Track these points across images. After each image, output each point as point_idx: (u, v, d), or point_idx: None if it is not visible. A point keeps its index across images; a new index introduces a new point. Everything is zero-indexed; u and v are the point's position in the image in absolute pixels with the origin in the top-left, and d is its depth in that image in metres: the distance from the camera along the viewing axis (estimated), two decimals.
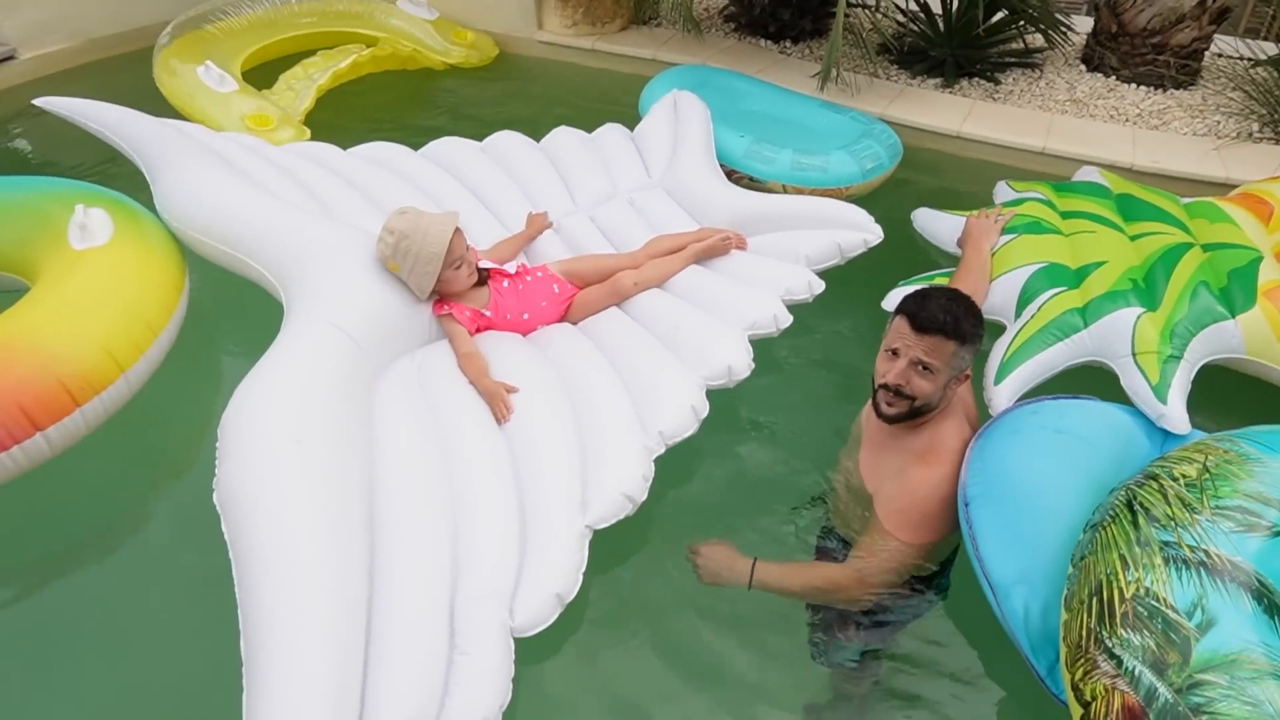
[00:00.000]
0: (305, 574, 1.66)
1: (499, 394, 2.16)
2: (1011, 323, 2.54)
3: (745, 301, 2.51)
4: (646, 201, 3.10)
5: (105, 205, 2.59)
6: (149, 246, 2.57)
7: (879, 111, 4.17)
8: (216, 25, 4.41)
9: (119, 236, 2.52)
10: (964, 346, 1.91)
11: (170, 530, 2.33)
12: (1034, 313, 2.50)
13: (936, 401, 1.96)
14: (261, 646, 1.57)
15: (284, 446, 1.85)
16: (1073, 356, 2.43)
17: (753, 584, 1.97)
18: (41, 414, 2.10)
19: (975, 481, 1.86)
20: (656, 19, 5.35)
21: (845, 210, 2.90)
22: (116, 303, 2.36)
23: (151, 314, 2.42)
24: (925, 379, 1.90)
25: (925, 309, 1.90)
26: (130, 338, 2.32)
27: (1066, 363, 2.42)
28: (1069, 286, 2.56)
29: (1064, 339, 2.42)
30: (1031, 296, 2.55)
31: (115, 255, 2.47)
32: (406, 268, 2.33)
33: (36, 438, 2.09)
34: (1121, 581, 1.50)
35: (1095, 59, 4.75)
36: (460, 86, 4.82)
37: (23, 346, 2.15)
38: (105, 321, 2.30)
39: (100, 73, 4.69)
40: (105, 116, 3.01)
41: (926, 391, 1.91)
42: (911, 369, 1.90)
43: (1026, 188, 3.07)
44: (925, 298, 1.93)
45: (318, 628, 1.59)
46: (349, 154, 3.18)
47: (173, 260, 2.61)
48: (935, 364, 1.89)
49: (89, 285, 2.36)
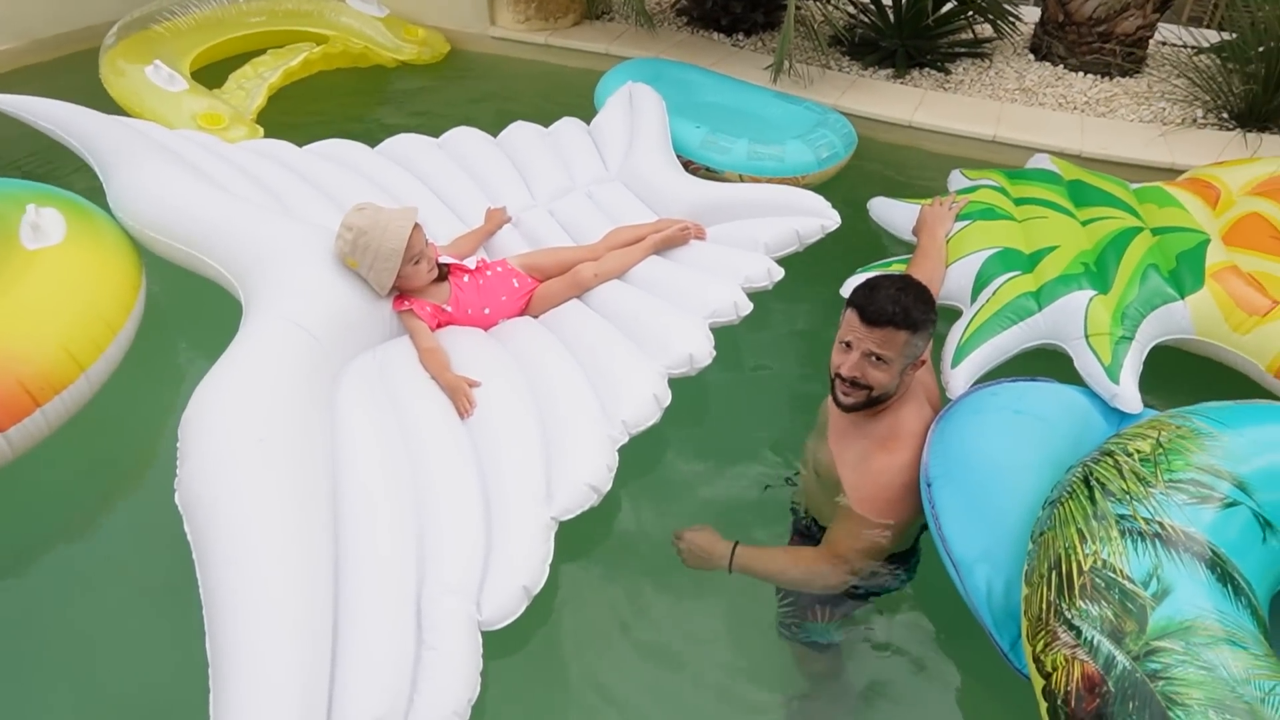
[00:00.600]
0: (270, 573, 1.64)
1: (461, 388, 2.15)
2: (968, 307, 2.58)
3: (705, 290, 2.52)
4: (604, 194, 3.10)
5: (57, 204, 2.54)
6: (104, 245, 2.53)
7: (832, 102, 4.21)
8: (164, 25, 4.34)
9: (73, 235, 2.47)
10: (916, 334, 1.91)
11: (130, 533, 2.29)
12: (989, 297, 2.54)
13: (894, 389, 1.97)
14: (227, 647, 1.56)
15: (246, 445, 1.82)
16: (1028, 339, 2.47)
17: (733, 568, 1.99)
18: (2, 415, 2.06)
19: (937, 463, 1.89)
20: (609, 13, 5.35)
21: (803, 197, 2.93)
22: (74, 302, 2.32)
23: (110, 312, 2.39)
24: (879, 369, 1.92)
25: (874, 302, 1.90)
26: (89, 336, 2.29)
27: (1021, 345, 2.46)
28: (1023, 271, 2.60)
29: (1019, 322, 2.46)
30: (986, 281, 2.59)
31: (70, 254, 2.43)
32: (366, 264, 2.31)
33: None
34: (1079, 555, 1.53)
35: (1043, 48, 4.83)
36: (414, 83, 4.80)
37: None
38: (63, 321, 2.26)
39: (45, 74, 4.60)
40: (56, 114, 2.94)
41: (882, 381, 1.93)
42: (865, 360, 1.92)
43: (980, 175, 3.11)
44: (874, 289, 1.94)
45: (284, 627, 1.57)
46: (305, 151, 3.14)
47: (129, 258, 2.57)
48: (888, 354, 1.90)
49: (45, 285, 2.32)
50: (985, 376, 2.36)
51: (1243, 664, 1.36)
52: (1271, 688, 1.34)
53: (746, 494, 2.37)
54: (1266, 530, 1.59)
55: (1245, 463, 1.64)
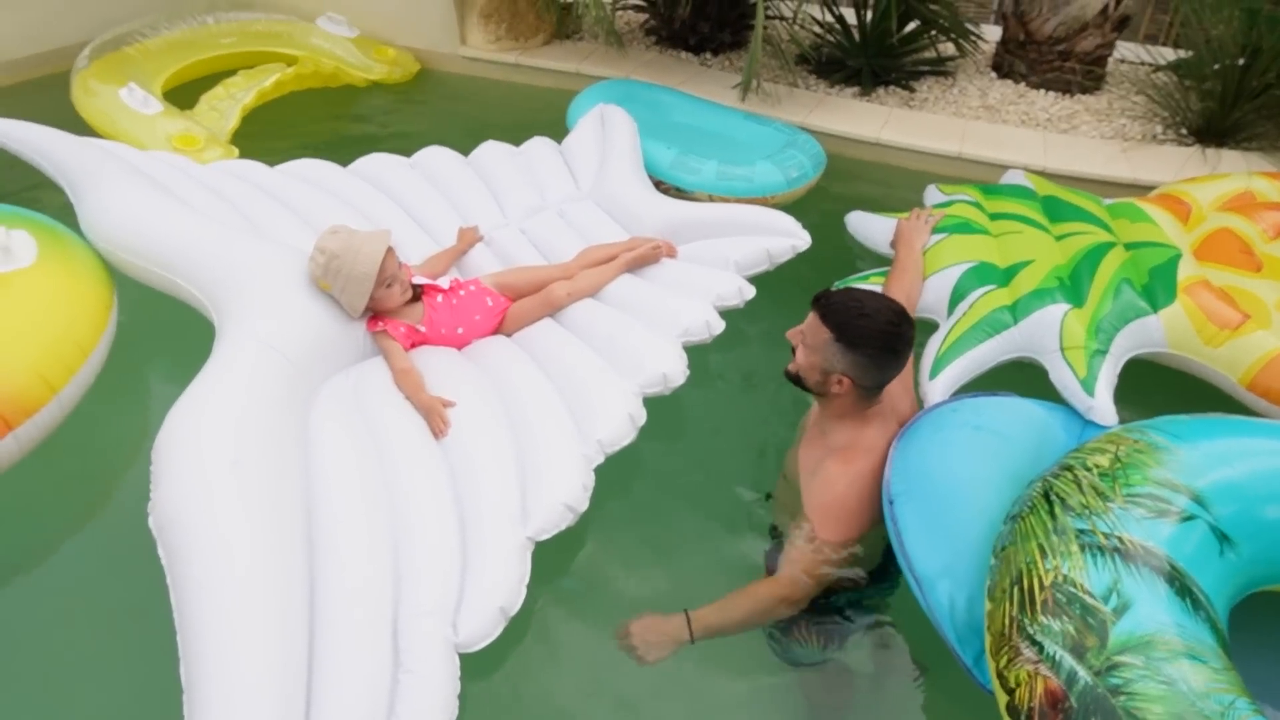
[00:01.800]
0: (245, 597, 1.63)
1: (436, 408, 2.16)
2: (944, 320, 2.63)
3: (678, 309, 2.54)
4: (576, 213, 3.12)
5: (27, 227, 2.52)
6: (75, 267, 2.51)
7: (799, 120, 4.27)
8: (135, 47, 4.33)
9: (44, 258, 2.45)
10: (840, 345, 1.95)
11: (101, 555, 2.26)
12: (965, 310, 2.59)
13: (813, 382, 2.04)
14: (202, 672, 1.55)
15: (220, 468, 1.82)
16: (1004, 352, 2.52)
17: (695, 636, 1.91)
18: None
19: (899, 479, 1.92)
20: (579, 33, 5.38)
21: (773, 217, 2.97)
22: (45, 324, 2.31)
23: (81, 335, 2.37)
24: (801, 350, 2.05)
25: (833, 294, 2.02)
26: (61, 359, 2.27)
27: (998, 358, 2.52)
28: (999, 285, 2.66)
29: (995, 335, 2.52)
30: (963, 294, 2.64)
31: (41, 276, 2.41)
32: (338, 287, 2.31)
33: None
34: (1040, 570, 1.56)
35: (1005, 66, 4.92)
36: (385, 103, 4.81)
37: None
38: (35, 343, 2.24)
39: (14, 95, 4.55)
40: (26, 135, 2.91)
41: (800, 361, 2.05)
42: (798, 334, 2.06)
43: (955, 190, 3.17)
44: (853, 290, 2.04)
45: (259, 651, 1.57)
46: (277, 171, 3.13)
47: (100, 280, 2.56)
48: (809, 340, 2.02)
49: (16, 307, 2.30)
50: (963, 389, 2.40)
51: (1203, 678, 1.39)
52: (1230, 702, 1.37)
53: (722, 511, 2.38)
54: (1224, 544, 1.63)
55: (1202, 476, 1.68)
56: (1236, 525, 1.64)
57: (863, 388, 2.00)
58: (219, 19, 4.70)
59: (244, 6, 4.91)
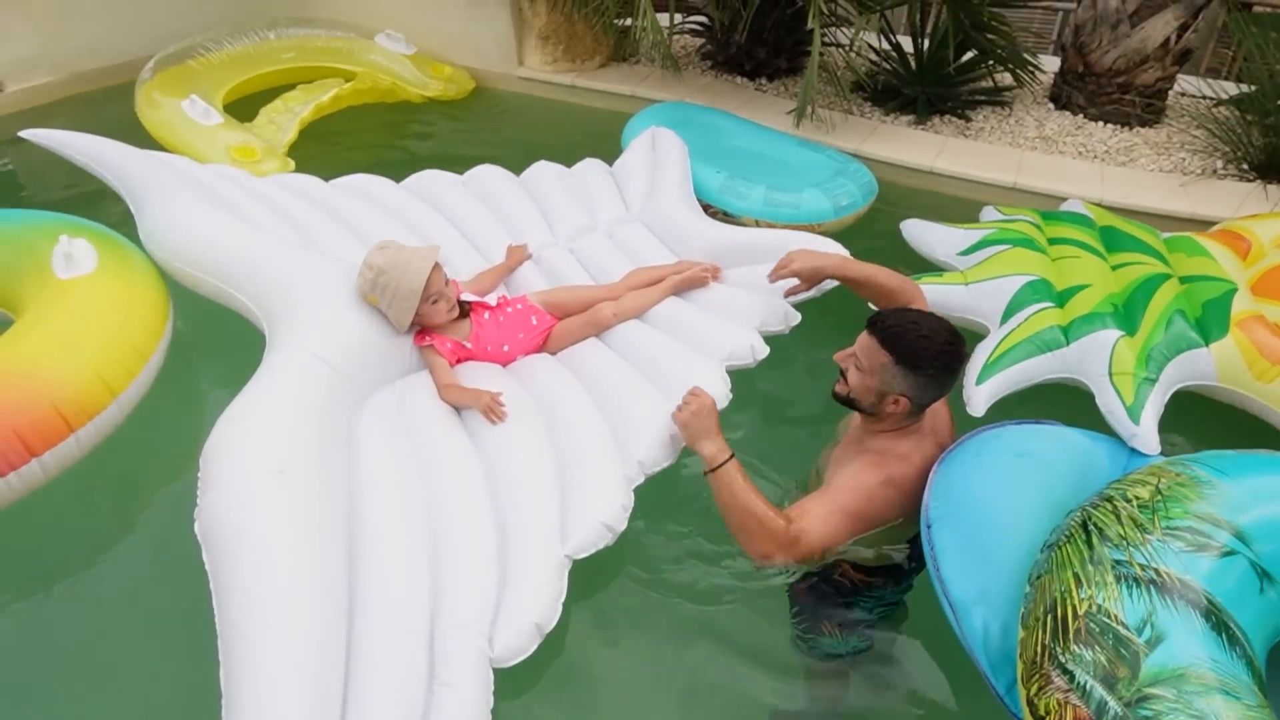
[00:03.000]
0: (285, 604, 1.65)
1: (485, 398, 2.19)
2: (996, 328, 2.65)
3: (722, 333, 2.54)
4: (625, 234, 3.13)
5: (88, 236, 2.61)
6: (133, 275, 2.59)
7: (853, 148, 4.27)
8: (198, 60, 4.46)
9: (104, 265, 2.53)
10: (900, 368, 1.95)
11: (150, 558, 2.32)
12: (1020, 323, 2.61)
13: (867, 404, 2.04)
14: (241, 678, 1.56)
15: (266, 476, 1.84)
16: (1052, 370, 2.52)
17: (709, 473, 2.03)
18: (37, 440, 2.10)
19: (937, 504, 1.91)
20: (635, 57, 5.45)
21: (821, 244, 2.94)
22: (106, 329, 2.37)
23: (140, 340, 2.43)
24: (854, 373, 2.04)
25: (887, 316, 2.01)
26: (121, 363, 2.33)
27: (1045, 375, 2.51)
28: (1055, 304, 2.67)
29: (1046, 353, 2.53)
30: (1019, 307, 2.66)
31: (102, 283, 2.48)
32: (386, 302, 2.35)
33: (32, 464, 2.09)
34: (1075, 599, 1.55)
35: (1063, 97, 4.88)
36: (440, 119, 4.91)
37: (18, 373, 2.15)
38: (96, 347, 2.30)
39: (83, 106, 4.72)
40: (90, 148, 3.01)
41: (854, 385, 2.05)
42: (850, 358, 2.05)
43: (1015, 212, 3.20)
44: (906, 311, 2.04)
45: (298, 659, 1.58)
46: (331, 185, 3.18)
47: (157, 288, 2.63)
48: (864, 364, 2.00)
49: (79, 313, 2.37)
50: (998, 413, 2.39)
51: (1236, 714, 1.36)
52: None
53: None
54: (1264, 581, 1.59)
55: (1244, 512, 1.64)
56: (1278, 563, 1.61)
57: (917, 406, 2.02)
58: (280, 34, 4.83)
59: (305, 22, 5.03)
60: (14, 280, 2.54)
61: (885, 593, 2.08)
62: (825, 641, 2.06)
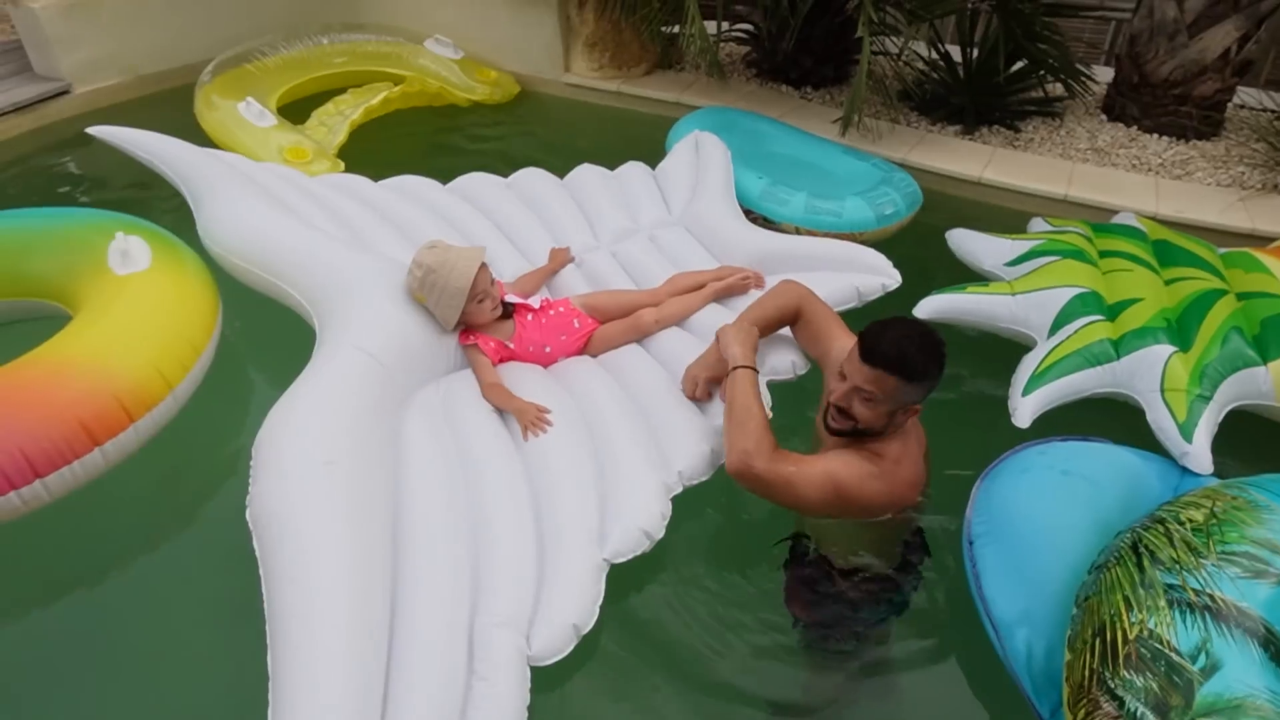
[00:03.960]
0: (331, 592, 1.69)
1: (530, 411, 2.21)
2: (1044, 340, 2.61)
3: (764, 347, 2.51)
4: (667, 238, 3.14)
5: (141, 233, 2.67)
6: (186, 271, 2.65)
7: (900, 157, 4.22)
8: (254, 64, 4.56)
9: (157, 262, 2.59)
10: (910, 384, 1.94)
11: (199, 547, 2.36)
12: (1069, 335, 2.56)
13: (880, 427, 2.02)
14: (287, 662, 1.61)
15: (315, 467, 1.89)
16: (1101, 384, 2.47)
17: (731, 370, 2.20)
18: (100, 429, 2.16)
19: (980, 520, 1.88)
20: (680, 64, 5.44)
21: (864, 254, 2.93)
22: (163, 323, 2.43)
23: (194, 334, 2.50)
24: (866, 406, 1.97)
25: (878, 343, 1.95)
26: (177, 357, 2.40)
27: (1095, 389, 2.47)
28: (1105, 317, 2.62)
29: (1095, 366, 2.48)
30: (1068, 319, 2.61)
31: (157, 279, 2.55)
32: (433, 300, 2.40)
33: (95, 452, 2.16)
34: (1125, 623, 1.51)
35: (1116, 108, 4.78)
36: (485, 123, 4.95)
37: (82, 365, 2.22)
38: (154, 341, 2.37)
39: (146, 107, 4.82)
40: (152, 145, 3.11)
41: (867, 417, 1.99)
42: (855, 394, 1.97)
43: (1064, 224, 3.15)
44: (885, 328, 1.97)
45: (342, 646, 1.62)
46: (380, 186, 3.25)
47: (207, 284, 2.69)
48: (877, 394, 1.95)
49: (136, 307, 2.44)
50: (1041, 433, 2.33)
51: None
52: None
53: None
54: None
55: None
56: None
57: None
58: (333, 39, 4.91)
59: (357, 28, 5.10)
60: (70, 276, 2.60)
61: (892, 597, 2.09)
62: (835, 646, 2.07)
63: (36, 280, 2.65)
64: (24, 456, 2.04)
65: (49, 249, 2.66)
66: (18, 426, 2.06)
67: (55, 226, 2.73)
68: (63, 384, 2.17)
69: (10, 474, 2.02)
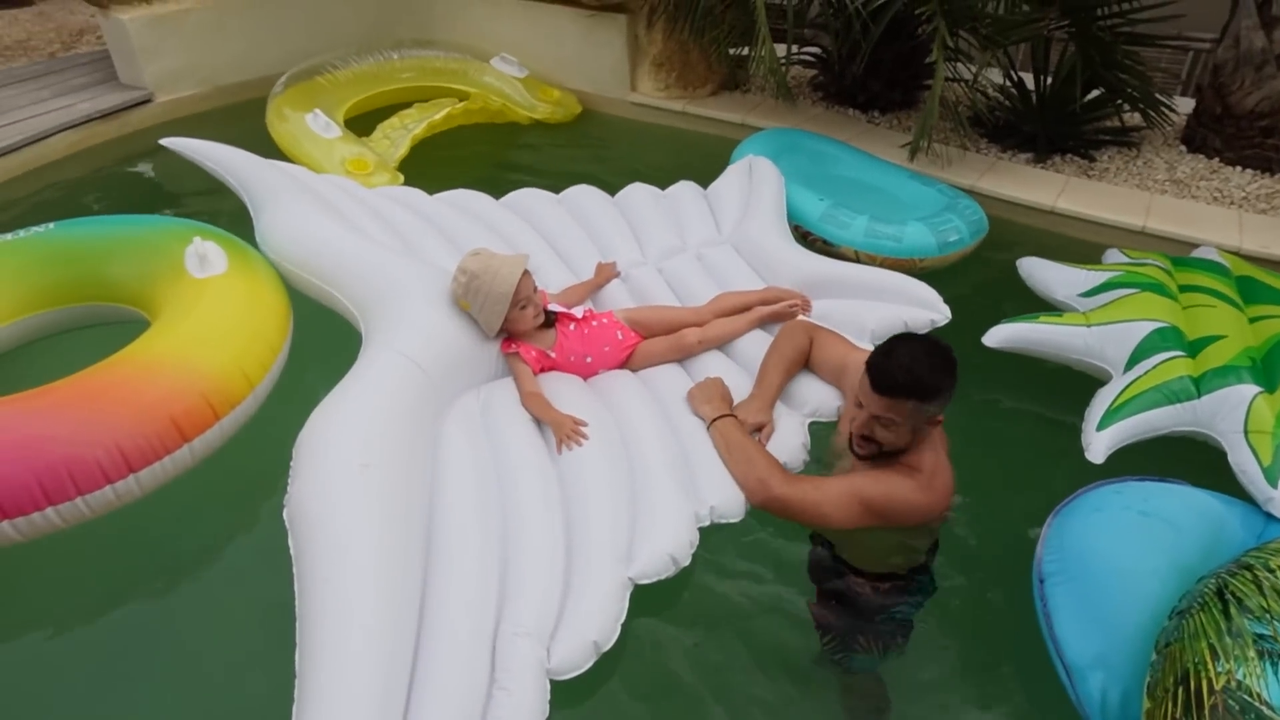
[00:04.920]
0: (360, 594, 1.69)
1: (566, 424, 2.19)
2: (1119, 374, 2.52)
3: (808, 389, 2.48)
4: (714, 257, 3.11)
5: (214, 239, 2.73)
6: (259, 275, 2.70)
7: (970, 184, 4.13)
8: (325, 77, 4.65)
9: (233, 266, 2.65)
10: (926, 402, 1.94)
11: (259, 551, 2.34)
12: (1146, 370, 2.46)
13: (906, 444, 2.02)
14: (313, 660, 1.61)
15: (351, 469, 1.89)
16: (1179, 423, 2.36)
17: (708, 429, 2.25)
18: (189, 426, 2.21)
19: (1052, 558, 1.79)
20: (746, 86, 5.42)
21: (915, 286, 2.84)
22: (243, 324, 2.48)
23: (271, 335, 2.54)
24: (887, 430, 1.98)
25: (884, 370, 1.94)
26: (257, 356, 2.44)
27: (1172, 427, 2.37)
28: (1186, 354, 2.51)
29: (1174, 403, 2.38)
30: (1146, 354, 2.52)
31: (234, 282, 2.60)
32: (476, 306, 2.40)
33: (184, 449, 2.21)
34: (1210, 672, 1.40)
35: (1197, 140, 4.62)
36: (545, 141, 4.97)
37: (170, 364, 2.27)
38: (236, 341, 2.41)
39: (223, 117, 4.96)
40: (217, 155, 3.22)
41: (891, 440, 2.00)
42: (874, 421, 1.98)
43: (1142, 256, 3.04)
44: (889, 355, 1.96)
45: (368, 648, 1.61)
46: (435, 199, 3.30)
47: (279, 287, 2.74)
48: (894, 419, 1.95)
49: (217, 308, 2.49)
50: (1117, 470, 2.23)
51: None
52: None
53: None
54: None
55: None
56: None
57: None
58: (403, 55, 4.99)
59: (428, 44, 5.18)
60: (147, 281, 2.66)
61: (912, 598, 2.08)
62: (859, 659, 2.04)
63: (114, 285, 2.70)
64: (120, 452, 2.08)
65: (126, 254, 2.71)
66: (114, 422, 2.10)
67: (132, 233, 2.78)
68: (154, 382, 2.21)
69: (107, 468, 2.06)
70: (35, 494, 1.98)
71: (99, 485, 2.05)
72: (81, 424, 2.08)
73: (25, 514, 1.99)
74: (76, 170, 4.43)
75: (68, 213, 2.89)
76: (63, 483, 2.01)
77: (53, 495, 2.00)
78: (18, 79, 5.09)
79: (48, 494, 2.00)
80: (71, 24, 6.33)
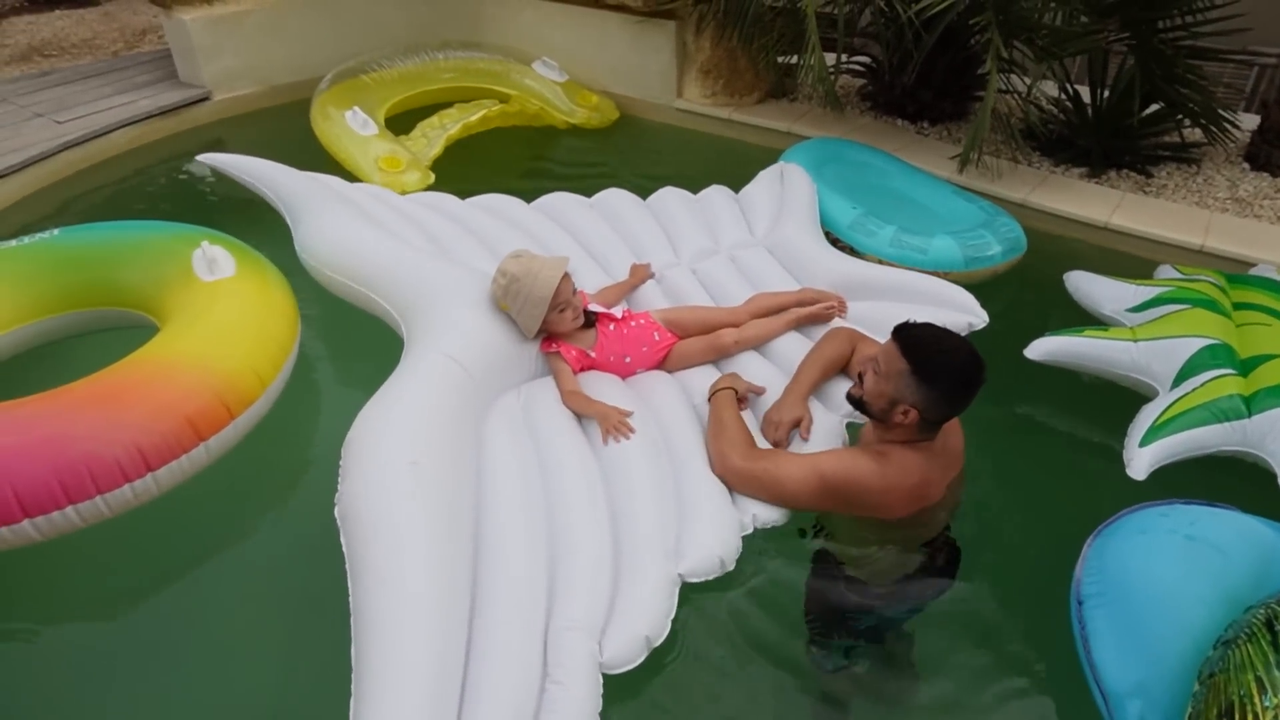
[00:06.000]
0: (414, 589, 1.72)
1: (612, 415, 2.22)
2: (1165, 390, 2.46)
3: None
4: (748, 258, 3.11)
5: (221, 244, 2.78)
6: (267, 278, 2.75)
7: (1021, 197, 4.04)
8: (370, 75, 4.70)
9: (241, 270, 2.70)
10: (914, 375, 1.96)
11: (291, 545, 2.38)
12: (1195, 388, 2.39)
13: (878, 411, 2.06)
14: (370, 655, 1.64)
15: (400, 467, 1.93)
16: (1228, 442, 2.29)
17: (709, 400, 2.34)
18: (204, 425, 2.24)
19: (1092, 580, 1.72)
20: (793, 94, 5.37)
21: (952, 291, 2.82)
22: (253, 326, 2.52)
23: (281, 335, 2.58)
24: (871, 377, 2.06)
25: (908, 326, 2.04)
26: (268, 356, 2.48)
27: (1219, 446, 2.30)
28: (1237, 372, 2.43)
29: (1223, 422, 2.31)
30: (1194, 371, 2.45)
31: (243, 285, 2.65)
32: (516, 308, 2.42)
33: (200, 447, 2.24)
34: (1257, 705, 1.34)
35: (1261, 157, 4.47)
36: (579, 145, 4.95)
37: (185, 364, 2.31)
38: (248, 341, 2.45)
39: (276, 115, 5.05)
40: (253, 168, 3.33)
41: (868, 387, 2.07)
42: (869, 362, 2.08)
43: (1195, 271, 2.98)
44: (929, 326, 2.04)
45: (423, 642, 1.65)
46: (467, 203, 3.35)
47: (286, 290, 2.79)
48: (882, 368, 2.02)
49: (228, 310, 2.53)
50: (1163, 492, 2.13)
51: None
52: None
53: None
54: None
55: None
56: None
57: (926, 421, 2.02)
58: (447, 55, 5.02)
59: (473, 46, 5.20)
60: (156, 285, 2.71)
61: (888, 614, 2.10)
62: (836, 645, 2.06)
63: (122, 290, 2.75)
64: (139, 451, 2.11)
65: (135, 260, 2.76)
66: (132, 422, 2.13)
67: (140, 239, 2.84)
68: (170, 382, 2.25)
69: (126, 467, 2.09)
70: (56, 492, 2.01)
71: (118, 484, 2.09)
72: (100, 423, 2.11)
73: (46, 513, 2.02)
74: (136, 163, 4.53)
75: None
76: (83, 481, 2.04)
77: (73, 494, 2.03)
78: (83, 76, 5.23)
79: (68, 492, 2.03)
80: (135, 24, 6.47)
